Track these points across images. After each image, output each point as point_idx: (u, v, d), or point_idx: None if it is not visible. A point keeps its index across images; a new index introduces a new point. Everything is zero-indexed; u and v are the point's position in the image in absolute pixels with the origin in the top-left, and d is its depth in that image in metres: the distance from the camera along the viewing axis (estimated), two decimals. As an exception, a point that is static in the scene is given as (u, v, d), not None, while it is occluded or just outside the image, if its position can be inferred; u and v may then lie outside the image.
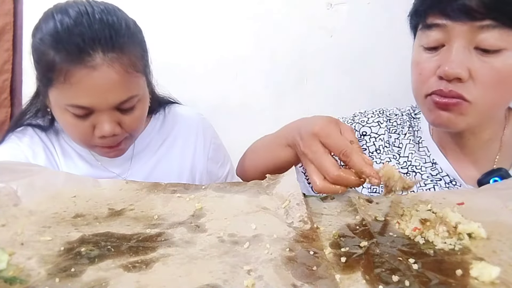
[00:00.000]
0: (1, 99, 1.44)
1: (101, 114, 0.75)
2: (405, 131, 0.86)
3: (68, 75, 0.71)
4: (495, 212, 0.55)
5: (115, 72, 0.72)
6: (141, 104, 0.80)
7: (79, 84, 0.71)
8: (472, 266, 0.43)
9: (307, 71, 1.36)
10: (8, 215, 0.54)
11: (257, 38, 1.35)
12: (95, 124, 0.76)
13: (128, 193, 0.63)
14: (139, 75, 0.78)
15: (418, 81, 0.74)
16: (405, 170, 0.82)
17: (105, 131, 0.75)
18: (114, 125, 0.76)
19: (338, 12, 1.33)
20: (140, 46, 0.80)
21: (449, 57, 0.68)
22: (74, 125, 0.76)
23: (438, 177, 0.80)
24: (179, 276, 0.42)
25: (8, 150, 0.84)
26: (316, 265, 0.44)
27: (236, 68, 1.37)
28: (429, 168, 0.81)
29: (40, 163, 0.83)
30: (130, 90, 0.76)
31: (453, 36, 0.67)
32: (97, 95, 0.73)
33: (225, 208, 0.58)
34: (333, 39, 1.34)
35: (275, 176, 0.64)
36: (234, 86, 1.38)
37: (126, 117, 0.78)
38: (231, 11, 1.35)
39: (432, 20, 0.70)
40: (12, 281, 0.41)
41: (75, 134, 0.79)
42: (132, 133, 0.82)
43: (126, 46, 0.74)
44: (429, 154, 0.82)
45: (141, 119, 0.82)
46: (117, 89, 0.74)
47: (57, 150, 0.87)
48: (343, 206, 0.59)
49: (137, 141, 0.90)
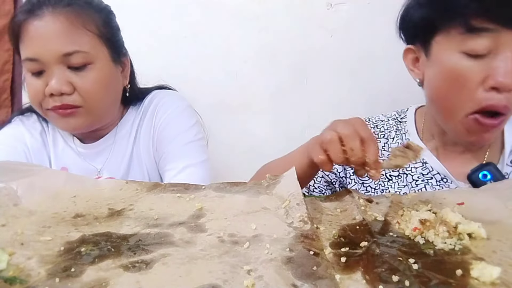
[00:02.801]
0: (1, 99, 1.44)
1: (51, 71, 0.79)
2: (393, 135, 0.87)
3: (23, 28, 0.80)
4: (495, 212, 0.55)
5: (59, 21, 0.79)
6: (95, 68, 0.82)
7: (28, 35, 0.79)
8: (473, 266, 0.43)
9: (307, 71, 1.36)
10: (8, 215, 0.54)
11: (257, 38, 1.35)
12: (47, 83, 0.79)
13: (128, 193, 0.63)
14: (90, 34, 0.81)
15: (458, 95, 0.69)
16: (396, 173, 0.83)
17: (53, 87, 0.78)
18: (62, 82, 0.79)
19: (338, 12, 1.33)
20: (98, 13, 0.85)
21: (502, 66, 0.64)
22: (31, 84, 0.81)
23: (429, 176, 0.80)
24: (179, 276, 0.42)
25: (10, 131, 0.92)
26: (316, 265, 0.44)
27: (236, 68, 1.37)
28: (419, 168, 0.81)
29: (34, 146, 0.90)
30: (75, 43, 0.79)
31: (506, 43, 0.63)
32: (42, 44, 0.78)
33: (225, 208, 0.57)
34: (333, 39, 1.34)
35: (275, 176, 0.64)
36: (234, 86, 1.38)
37: (78, 78, 0.80)
38: (231, 11, 1.35)
39: (480, 24, 0.64)
40: (12, 281, 0.41)
41: (32, 94, 0.82)
42: (88, 100, 0.81)
43: (75, 6, 0.81)
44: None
45: (96, 84, 0.82)
46: (60, 38, 0.78)
47: (51, 137, 0.93)
48: (343, 206, 0.59)
49: (114, 133, 0.92)
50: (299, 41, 1.35)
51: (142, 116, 0.94)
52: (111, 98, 0.87)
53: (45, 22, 0.78)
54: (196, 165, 0.87)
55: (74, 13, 0.80)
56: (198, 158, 0.89)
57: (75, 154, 0.92)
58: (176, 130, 0.90)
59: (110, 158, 0.91)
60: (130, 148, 0.92)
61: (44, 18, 0.78)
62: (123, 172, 0.91)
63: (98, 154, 0.92)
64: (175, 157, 0.88)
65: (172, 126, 0.91)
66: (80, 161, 0.91)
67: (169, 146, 0.89)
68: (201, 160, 0.89)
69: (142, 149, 0.92)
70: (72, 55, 0.79)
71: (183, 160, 0.87)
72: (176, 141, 0.89)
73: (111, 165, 0.91)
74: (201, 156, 0.90)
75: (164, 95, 0.96)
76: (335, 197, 0.63)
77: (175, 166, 0.87)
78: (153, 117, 0.93)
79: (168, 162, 0.88)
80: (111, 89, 0.86)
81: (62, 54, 0.78)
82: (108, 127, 0.92)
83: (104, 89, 0.84)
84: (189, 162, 0.87)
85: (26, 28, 0.79)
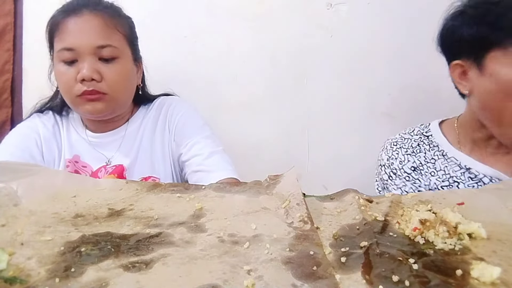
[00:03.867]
0: (2, 99, 1.44)
1: (84, 60, 0.89)
2: (427, 148, 0.92)
3: (61, 25, 0.91)
4: (495, 212, 0.55)
5: (96, 19, 0.91)
6: (120, 62, 0.93)
7: (67, 29, 0.90)
8: (473, 267, 0.43)
9: (307, 71, 1.36)
10: (8, 215, 0.54)
11: (257, 38, 1.35)
12: (79, 71, 0.89)
13: (128, 193, 0.63)
14: (119, 34, 0.94)
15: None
16: (446, 183, 0.87)
17: (84, 73, 0.88)
18: (93, 70, 0.89)
19: (338, 12, 1.33)
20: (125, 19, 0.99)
21: None
22: (63, 73, 0.91)
23: (476, 179, 0.86)
24: (179, 276, 0.42)
25: (26, 123, 1.03)
26: (316, 265, 0.44)
27: (236, 68, 1.37)
28: (465, 173, 0.87)
29: (46, 135, 1.00)
30: (108, 39, 0.91)
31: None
32: (79, 36, 0.90)
33: (225, 208, 0.58)
34: (333, 39, 1.34)
35: (275, 176, 0.64)
36: (234, 86, 1.38)
37: (106, 68, 0.91)
38: (231, 11, 1.35)
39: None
40: (12, 281, 0.41)
41: (64, 80, 0.92)
42: (112, 88, 0.92)
43: (110, 10, 0.95)
44: (459, 163, 0.88)
45: (121, 76, 0.94)
46: (96, 32, 0.90)
47: (64, 129, 1.04)
48: (343, 206, 0.59)
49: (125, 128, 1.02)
50: (299, 41, 1.35)
51: (155, 115, 1.05)
52: (129, 90, 0.99)
53: (84, 19, 0.91)
54: (219, 152, 0.98)
55: (109, 15, 0.93)
56: (218, 147, 0.99)
57: (87, 143, 1.01)
58: (194, 126, 1.02)
59: (120, 149, 1.01)
60: (139, 140, 1.02)
61: (83, 16, 0.91)
62: (130, 162, 1.00)
63: (108, 144, 1.01)
64: (200, 145, 0.98)
65: (190, 123, 1.03)
66: (91, 149, 1.01)
67: (193, 137, 0.99)
68: (221, 148, 1.00)
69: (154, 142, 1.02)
70: (104, 48, 0.90)
71: (207, 148, 0.97)
72: (197, 134, 1.00)
73: (120, 155, 1.00)
74: (220, 146, 1.00)
75: (173, 100, 1.09)
76: (335, 197, 0.63)
77: (202, 152, 0.97)
78: (166, 119, 1.04)
79: (194, 149, 0.98)
80: (130, 83, 0.98)
81: (96, 46, 0.90)
82: (119, 121, 1.03)
83: (126, 81, 0.96)
84: (213, 149, 0.97)
85: (65, 23, 0.91)
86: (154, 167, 1.01)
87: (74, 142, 1.02)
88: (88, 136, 1.02)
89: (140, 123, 1.04)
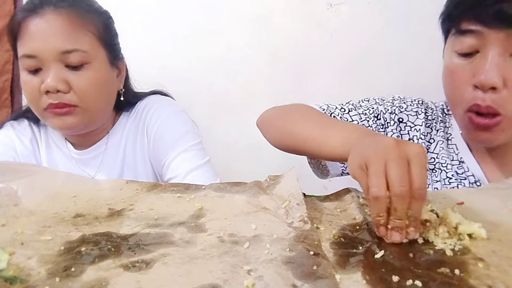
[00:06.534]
0: (2, 99, 1.44)
1: (48, 68, 0.79)
2: (438, 127, 0.85)
3: (22, 25, 0.80)
4: (495, 212, 0.55)
5: (60, 20, 0.79)
6: (92, 68, 0.82)
7: (27, 32, 0.79)
8: (473, 267, 0.43)
9: (307, 71, 1.36)
10: (8, 215, 0.54)
11: (257, 38, 1.35)
12: (43, 81, 0.79)
13: (128, 193, 0.63)
14: (89, 35, 0.82)
15: (453, 92, 0.73)
16: (432, 166, 0.81)
17: (48, 83, 0.78)
18: (58, 79, 0.78)
19: (338, 12, 1.33)
20: (98, 16, 0.86)
21: (484, 65, 0.66)
22: (27, 83, 0.81)
23: (463, 176, 0.79)
24: (179, 276, 0.42)
25: (1, 138, 0.92)
26: (316, 265, 0.44)
27: (236, 68, 1.37)
28: (455, 166, 0.80)
29: (24, 152, 0.90)
30: (74, 42, 0.80)
31: (488, 43, 0.66)
32: (41, 40, 0.78)
33: (225, 208, 0.58)
34: (333, 39, 1.34)
35: (275, 177, 0.64)
36: (234, 86, 1.38)
37: (75, 77, 0.80)
38: (232, 11, 1.35)
39: (466, 26, 0.68)
40: (12, 280, 0.41)
41: (28, 91, 0.82)
42: (83, 99, 0.81)
43: (77, 7, 0.82)
44: (457, 152, 0.81)
45: (92, 84, 0.82)
46: (60, 35, 0.79)
47: (43, 141, 0.93)
48: (343, 206, 0.59)
49: (106, 140, 0.92)
50: (299, 41, 1.35)
51: (135, 123, 0.93)
52: (106, 99, 0.87)
53: (46, 20, 0.79)
54: (198, 168, 0.87)
55: (76, 13, 0.81)
56: (199, 161, 0.88)
57: (68, 159, 0.92)
58: (172, 138, 0.89)
59: (103, 164, 0.91)
60: (122, 154, 0.92)
61: (45, 16, 0.79)
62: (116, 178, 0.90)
63: (91, 160, 0.92)
64: (176, 164, 0.87)
65: (168, 133, 0.90)
66: (74, 167, 0.91)
67: (169, 154, 0.88)
68: (202, 162, 0.88)
69: (137, 155, 0.92)
70: (70, 53, 0.79)
71: (184, 166, 0.86)
72: (174, 148, 0.88)
73: (104, 171, 0.91)
74: (201, 159, 0.89)
75: (155, 102, 0.95)
76: (335, 197, 0.63)
77: (178, 173, 0.86)
78: (145, 126, 0.92)
79: (170, 170, 0.88)
80: (106, 90, 0.87)
81: (61, 52, 0.79)
82: (100, 133, 0.92)
83: (99, 89, 0.84)
84: (191, 166, 0.86)
85: (26, 25, 0.79)
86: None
87: (54, 159, 0.92)
88: (71, 151, 0.92)
89: (121, 134, 0.93)
